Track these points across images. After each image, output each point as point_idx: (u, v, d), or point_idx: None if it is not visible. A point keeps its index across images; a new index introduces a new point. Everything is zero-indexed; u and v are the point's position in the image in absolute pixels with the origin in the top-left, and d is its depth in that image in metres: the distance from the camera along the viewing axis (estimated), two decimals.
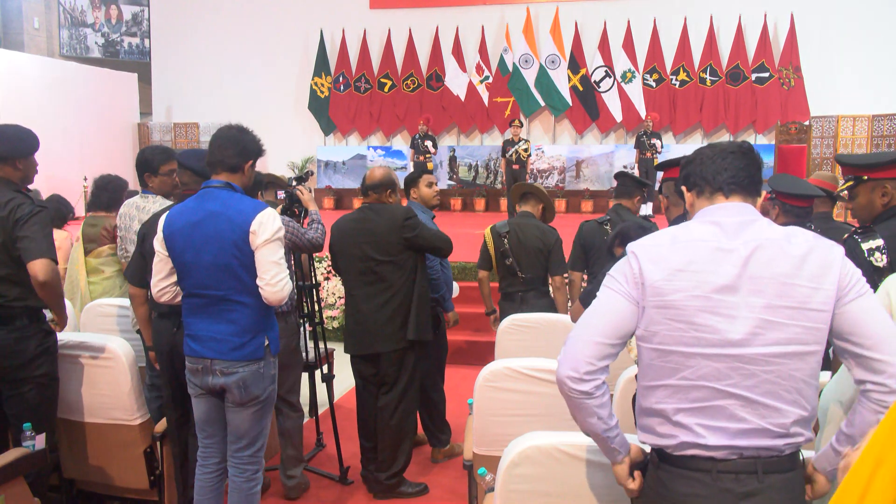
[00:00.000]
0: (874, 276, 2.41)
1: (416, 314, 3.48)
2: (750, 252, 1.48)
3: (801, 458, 1.55)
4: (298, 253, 3.63)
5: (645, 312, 1.53)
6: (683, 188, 1.68)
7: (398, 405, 3.51)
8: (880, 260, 2.45)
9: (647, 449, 1.67)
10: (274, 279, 2.50)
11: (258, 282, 2.52)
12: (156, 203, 3.57)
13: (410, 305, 3.47)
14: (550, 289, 4.25)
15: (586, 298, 2.79)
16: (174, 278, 2.66)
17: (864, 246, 2.49)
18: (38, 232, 2.73)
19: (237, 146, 2.62)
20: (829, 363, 3.09)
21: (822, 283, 1.47)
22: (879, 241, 2.47)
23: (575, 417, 1.62)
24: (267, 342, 2.62)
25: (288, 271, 2.58)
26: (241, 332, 2.56)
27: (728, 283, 1.47)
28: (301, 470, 3.58)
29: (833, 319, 1.49)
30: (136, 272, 3.10)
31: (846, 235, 2.64)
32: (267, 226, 2.51)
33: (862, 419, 1.49)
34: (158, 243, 2.65)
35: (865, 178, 2.58)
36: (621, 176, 4.32)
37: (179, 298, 2.68)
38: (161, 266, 2.67)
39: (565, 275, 4.22)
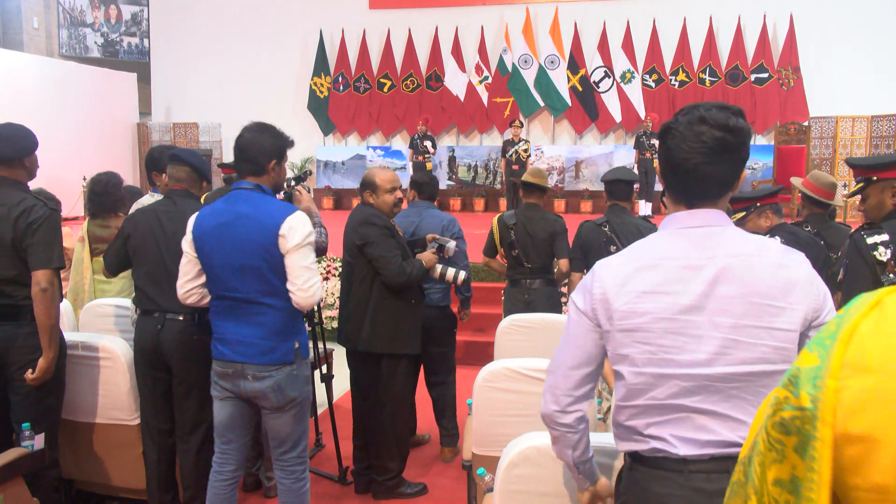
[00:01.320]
0: (877, 269, 2.54)
1: (370, 324, 3.38)
2: (718, 270, 1.46)
3: None
4: None
5: (611, 335, 1.52)
6: (656, 165, 1.66)
7: (382, 412, 3.49)
8: (884, 254, 2.55)
9: (622, 455, 1.70)
10: (305, 284, 2.48)
11: (289, 286, 2.49)
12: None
13: (365, 311, 3.40)
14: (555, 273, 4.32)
15: None
16: (202, 280, 2.64)
17: (869, 240, 2.58)
18: (49, 238, 2.74)
19: (254, 149, 2.58)
20: None
21: (789, 302, 1.45)
22: (885, 237, 2.57)
23: (553, 446, 1.70)
24: (297, 346, 2.59)
25: (319, 276, 2.57)
26: (269, 335, 2.53)
27: (694, 303, 1.46)
28: None
29: (802, 340, 1.47)
30: (115, 261, 3.17)
31: (853, 231, 2.77)
32: (297, 230, 2.48)
33: None
34: (187, 244, 2.63)
35: (875, 178, 2.68)
36: (611, 183, 4.22)
37: (206, 300, 2.67)
38: (189, 267, 2.64)
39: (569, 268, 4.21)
